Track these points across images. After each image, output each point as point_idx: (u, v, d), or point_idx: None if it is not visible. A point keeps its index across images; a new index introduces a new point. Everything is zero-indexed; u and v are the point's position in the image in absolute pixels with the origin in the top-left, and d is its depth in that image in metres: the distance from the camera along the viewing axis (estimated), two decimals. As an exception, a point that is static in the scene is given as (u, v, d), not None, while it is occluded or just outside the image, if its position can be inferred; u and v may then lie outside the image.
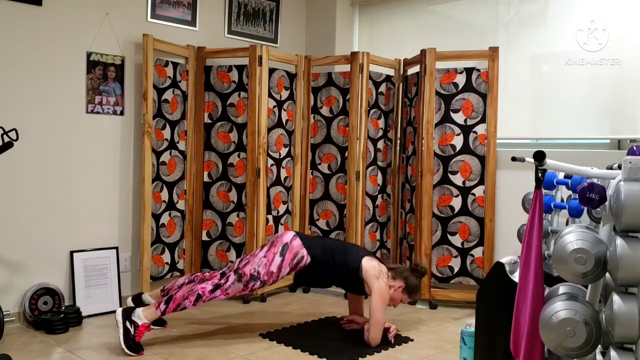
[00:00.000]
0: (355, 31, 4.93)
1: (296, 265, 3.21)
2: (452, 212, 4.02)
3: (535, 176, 2.07)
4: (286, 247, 3.20)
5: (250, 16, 4.57)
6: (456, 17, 4.38)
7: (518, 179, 3.90)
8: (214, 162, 4.17)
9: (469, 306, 3.95)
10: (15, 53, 3.41)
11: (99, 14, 3.74)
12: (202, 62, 4.15)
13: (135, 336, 2.98)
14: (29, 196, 3.49)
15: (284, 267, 3.17)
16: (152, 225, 3.88)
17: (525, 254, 2.08)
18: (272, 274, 3.15)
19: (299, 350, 3.11)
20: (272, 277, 3.16)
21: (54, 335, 3.26)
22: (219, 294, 3.10)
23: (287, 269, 3.19)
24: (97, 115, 3.75)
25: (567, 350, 1.87)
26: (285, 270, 3.18)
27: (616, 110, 3.66)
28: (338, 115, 4.33)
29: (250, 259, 3.19)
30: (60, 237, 3.62)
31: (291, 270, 3.22)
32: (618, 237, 1.76)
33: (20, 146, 3.39)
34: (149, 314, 3.05)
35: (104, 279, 3.74)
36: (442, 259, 4.05)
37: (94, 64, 3.72)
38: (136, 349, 2.98)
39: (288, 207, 4.36)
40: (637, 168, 1.77)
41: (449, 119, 4.02)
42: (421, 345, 3.25)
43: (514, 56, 4.06)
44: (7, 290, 3.41)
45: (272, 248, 3.21)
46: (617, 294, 1.77)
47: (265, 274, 3.13)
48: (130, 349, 2.96)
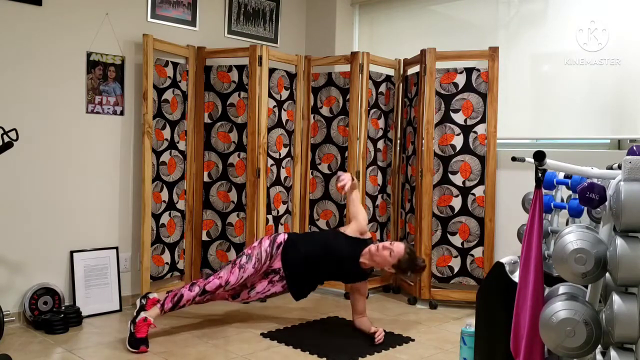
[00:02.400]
0: (355, 31, 4.93)
1: (274, 239, 3.39)
2: (452, 212, 4.02)
3: (535, 176, 2.07)
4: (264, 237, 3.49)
5: (250, 16, 4.57)
6: (456, 17, 4.38)
7: (518, 179, 3.90)
8: (214, 162, 4.17)
9: (469, 306, 3.95)
10: (15, 53, 3.41)
11: (99, 14, 3.74)
12: (202, 62, 4.15)
13: (135, 332, 3.02)
14: (29, 196, 3.49)
15: (264, 240, 3.40)
16: (152, 225, 3.88)
17: (525, 254, 2.08)
18: (254, 248, 3.36)
19: (299, 350, 3.12)
20: (255, 250, 3.33)
21: (54, 335, 3.26)
22: (212, 278, 3.28)
23: (267, 241, 3.38)
24: (97, 115, 3.75)
25: (567, 350, 1.87)
26: (265, 242, 3.37)
27: (616, 110, 3.66)
28: (338, 115, 4.33)
29: None
30: (60, 237, 3.62)
31: (271, 243, 3.37)
32: (618, 237, 1.76)
33: (20, 146, 3.38)
34: (150, 311, 3.16)
35: (104, 279, 3.74)
36: (442, 259, 4.05)
37: (94, 64, 3.72)
38: (136, 344, 3.01)
39: (288, 207, 4.36)
40: (637, 168, 1.77)
41: (449, 119, 4.02)
42: (421, 345, 3.25)
43: (514, 56, 4.06)
44: (7, 290, 3.41)
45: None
46: (617, 294, 1.77)
47: (248, 249, 3.36)
48: (130, 345, 3.02)
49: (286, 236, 3.44)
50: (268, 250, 3.34)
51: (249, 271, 3.27)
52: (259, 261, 3.30)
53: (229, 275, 3.25)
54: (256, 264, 3.28)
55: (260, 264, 3.30)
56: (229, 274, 3.26)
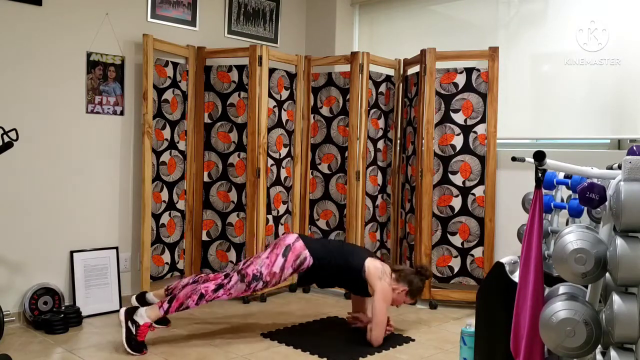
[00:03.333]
0: (355, 31, 4.94)
1: (299, 266, 3.21)
2: (452, 212, 4.02)
3: (535, 176, 2.07)
4: (289, 249, 3.20)
5: (250, 16, 4.57)
6: (456, 17, 4.38)
7: (518, 179, 3.90)
8: (214, 162, 4.17)
9: (469, 306, 3.95)
10: (15, 53, 3.41)
11: (99, 14, 3.74)
12: (202, 62, 4.15)
13: (137, 335, 2.99)
14: (29, 196, 3.49)
15: (287, 268, 3.18)
16: (152, 225, 3.88)
17: (525, 254, 2.08)
18: (274, 274, 3.16)
19: (300, 350, 3.12)
20: (275, 277, 3.16)
21: (54, 335, 3.26)
22: (222, 293, 3.11)
23: (290, 270, 3.19)
24: (97, 115, 3.75)
25: (567, 350, 1.87)
26: (288, 272, 3.19)
27: (616, 110, 3.66)
28: (338, 115, 4.33)
29: (254, 260, 3.20)
30: (60, 237, 3.62)
31: (294, 271, 3.22)
32: (618, 237, 1.76)
33: (20, 146, 3.39)
34: (152, 313, 3.06)
35: (104, 279, 3.74)
36: (442, 259, 4.05)
37: (94, 64, 3.72)
38: (138, 348, 2.98)
39: (288, 207, 4.36)
40: (637, 168, 1.77)
41: (449, 119, 4.02)
42: (421, 345, 3.25)
43: (514, 56, 4.06)
44: (7, 290, 3.41)
45: (275, 249, 3.21)
46: (617, 294, 1.77)
47: (267, 275, 3.14)
48: (132, 349, 2.96)
49: (311, 262, 3.22)
50: (288, 277, 3.24)
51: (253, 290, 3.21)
52: (275, 285, 3.23)
53: (239, 293, 3.15)
54: (268, 286, 3.22)
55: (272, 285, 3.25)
56: (238, 293, 3.15)
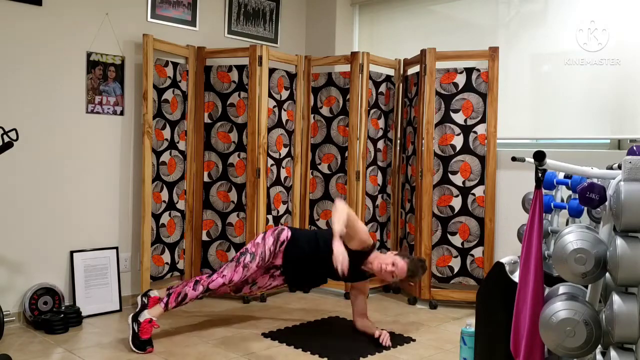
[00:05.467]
0: (355, 31, 4.94)
1: (278, 236, 3.34)
2: (452, 212, 4.02)
3: (535, 176, 2.07)
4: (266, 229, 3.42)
5: (250, 16, 4.57)
6: (456, 17, 4.38)
7: (518, 179, 3.90)
8: (214, 162, 4.17)
9: (469, 306, 3.95)
10: (15, 53, 3.41)
11: (99, 14, 3.74)
12: (202, 62, 4.15)
13: (139, 333, 3.03)
14: (29, 196, 3.49)
15: (267, 237, 3.33)
16: (152, 225, 3.88)
17: (525, 254, 2.08)
18: (257, 245, 3.31)
19: (300, 350, 3.12)
20: (259, 247, 3.29)
21: (54, 335, 3.26)
22: (216, 277, 3.23)
23: (271, 239, 3.32)
24: (97, 115, 3.75)
25: (567, 350, 1.87)
26: (269, 240, 3.31)
27: (616, 110, 3.66)
28: (338, 115, 4.33)
29: None
30: (60, 237, 3.62)
31: (275, 241, 3.32)
32: (618, 237, 1.76)
33: (20, 146, 3.39)
34: (154, 310, 3.14)
35: (104, 279, 3.74)
36: (442, 259, 4.05)
37: (94, 64, 3.72)
38: (142, 346, 3.01)
39: (288, 207, 4.36)
40: (637, 168, 1.77)
41: (449, 119, 4.02)
42: (421, 345, 3.25)
43: (514, 56, 4.06)
44: (7, 290, 3.41)
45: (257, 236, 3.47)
46: (617, 294, 1.77)
47: (252, 247, 3.31)
48: (136, 347, 3.02)
49: (289, 233, 3.40)
50: (272, 249, 3.33)
51: (252, 270, 3.26)
52: (263, 260, 3.29)
53: (233, 273, 3.23)
54: (259, 263, 3.28)
55: (263, 262, 3.30)
56: (232, 273, 3.24)
